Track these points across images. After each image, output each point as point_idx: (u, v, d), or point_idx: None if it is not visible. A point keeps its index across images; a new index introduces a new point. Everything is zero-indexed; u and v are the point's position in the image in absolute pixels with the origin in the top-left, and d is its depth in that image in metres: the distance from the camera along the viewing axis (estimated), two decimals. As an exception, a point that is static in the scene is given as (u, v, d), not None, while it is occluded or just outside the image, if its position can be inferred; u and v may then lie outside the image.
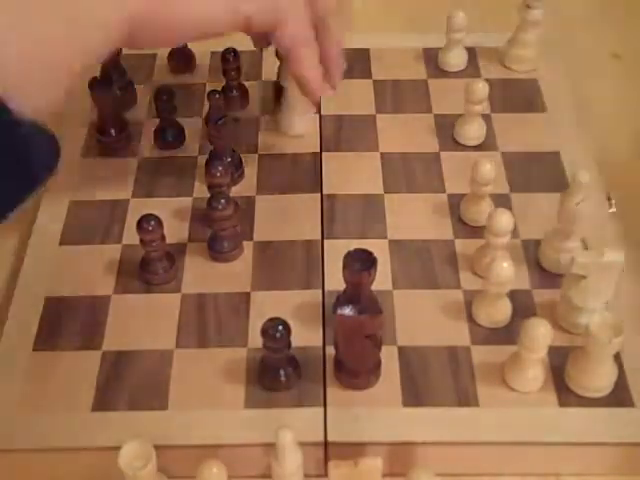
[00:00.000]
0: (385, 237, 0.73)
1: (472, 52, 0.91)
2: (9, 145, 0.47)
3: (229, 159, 0.76)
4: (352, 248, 0.58)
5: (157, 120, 0.81)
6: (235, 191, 0.76)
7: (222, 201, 0.69)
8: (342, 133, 0.83)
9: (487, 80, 0.79)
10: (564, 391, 0.62)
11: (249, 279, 0.70)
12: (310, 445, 0.59)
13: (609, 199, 0.76)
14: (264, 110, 0.85)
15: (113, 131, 0.81)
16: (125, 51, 0.85)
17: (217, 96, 0.75)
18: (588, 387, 0.61)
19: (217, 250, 0.71)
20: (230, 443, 0.59)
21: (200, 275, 0.71)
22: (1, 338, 0.67)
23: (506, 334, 0.65)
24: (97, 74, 0.83)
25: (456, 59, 0.89)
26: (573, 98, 0.86)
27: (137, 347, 0.66)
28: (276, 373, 0.62)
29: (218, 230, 0.70)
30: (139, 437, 0.55)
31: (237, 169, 0.77)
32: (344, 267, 0.57)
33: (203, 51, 0.91)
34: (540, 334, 0.59)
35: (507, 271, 0.64)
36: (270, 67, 0.87)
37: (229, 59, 0.83)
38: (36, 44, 0.48)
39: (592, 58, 0.95)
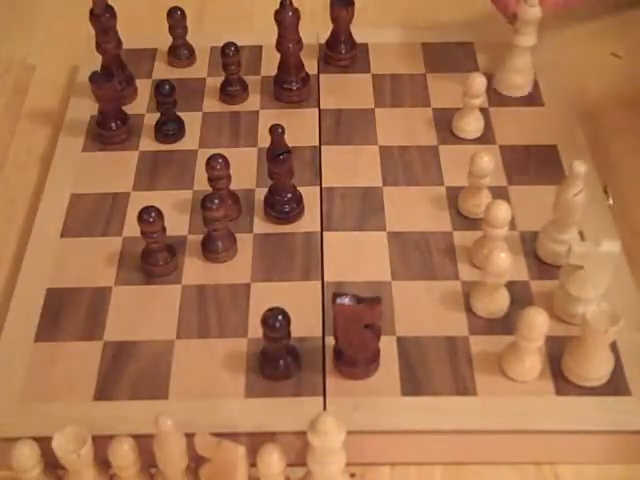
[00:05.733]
0: (384, 229, 0.74)
1: (470, 47, 0.91)
2: None
3: (289, 195, 0.74)
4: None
5: (157, 114, 0.82)
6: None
7: (216, 201, 0.69)
8: (341, 126, 0.83)
9: (485, 74, 0.80)
10: (561, 380, 0.62)
11: (249, 270, 0.71)
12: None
13: (606, 192, 0.76)
14: (263, 104, 0.86)
15: (114, 125, 0.82)
16: (126, 45, 0.86)
17: (280, 130, 0.72)
18: (585, 376, 0.62)
19: (211, 250, 0.71)
20: (231, 432, 0.59)
21: (200, 266, 0.71)
22: (3, 329, 0.67)
23: (504, 324, 0.66)
24: (98, 68, 0.84)
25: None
26: (571, 93, 0.87)
27: (138, 338, 0.66)
28: (276, 363, 0.63)
29: (211, 230, 0.71)
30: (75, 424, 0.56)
31: (297, 205, 0.74)
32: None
33: (203, 46, 0.92)
34: (537, 322, 0.59)
35: (505, 262, 0.64)
36: (270, 62, 0.88)
37: (229, 53, 0.83)
38: None
39: (592, 58, 0.95)
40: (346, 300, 0.59)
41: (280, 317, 0.61)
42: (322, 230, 0.74)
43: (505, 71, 0.86)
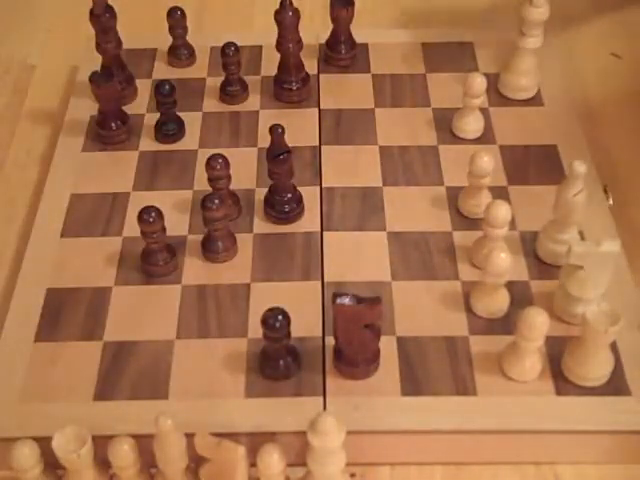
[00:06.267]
0: (384, 229, 0.74)
1: (470, 47, 0.91)
2: None
3: (289, 195, 0.74)
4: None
5: (157, 114, 0.82)
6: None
7: (216, 201, 0.69)
8: (341, 126, 0.83)
9: (485, 74, 0.80)
10: (561, 380, 0.62)
11: (249, 270, 0.71)
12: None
13: (606, 192, 0.76)
14: (263, 104, 0.86)
15: (114, 125, 0.82)
16: (126, 45, 0.86)
17: (280, 130, 0.72)
18: (585, 376, 0.62)
19: (211, 250, 0.71)
20: (231, 432, 0.59)
21: (200, 266, 0.71)
22: (3, 329, 0.67)
23: (504, 324, 0.66)
24: (98, 68, 0.84)
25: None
26: (571, 93, 0.87)
27: (138, 338, 0.66)
28: (276, 363, 0.63)
29: (211, 230, 0.70)
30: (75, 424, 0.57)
31: (297, 205, 0.74)
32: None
33: (203, 45, 0.92)
34: (537, 322, 0.59)
35: (505, 262, 0.64)
36: (270, 62, 0.88)
37: (229, 53, 0.83)
38: None
39: (592, 58, 0.95)
40: (346, 300, 0.59)
41: (280, 317, 0.61)
42: (322, 230, 0.74)
43: (509, 73, 0.85)
